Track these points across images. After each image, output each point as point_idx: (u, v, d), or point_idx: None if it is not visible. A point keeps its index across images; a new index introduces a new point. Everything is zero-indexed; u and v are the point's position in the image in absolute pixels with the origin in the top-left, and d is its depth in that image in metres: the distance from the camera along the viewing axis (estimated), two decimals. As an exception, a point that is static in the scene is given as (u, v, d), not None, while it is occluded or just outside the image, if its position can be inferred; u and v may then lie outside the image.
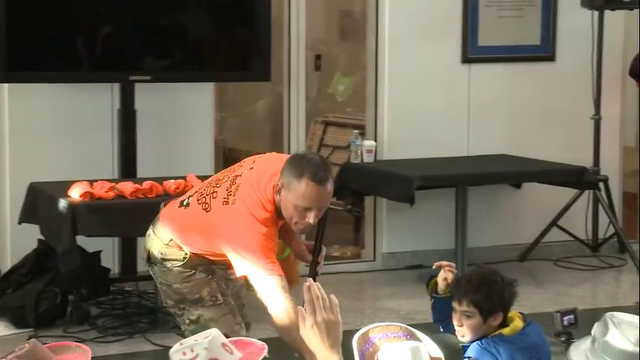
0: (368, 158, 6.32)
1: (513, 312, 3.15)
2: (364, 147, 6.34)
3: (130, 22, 5.69)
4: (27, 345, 2.46)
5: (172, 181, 5.19)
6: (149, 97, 5.76)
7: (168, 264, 3.47)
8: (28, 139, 5.75)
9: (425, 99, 6.53)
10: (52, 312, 5.22)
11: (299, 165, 3.25)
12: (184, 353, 2.61)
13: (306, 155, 3.34)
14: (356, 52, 7.82)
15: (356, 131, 6.57)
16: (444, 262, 3.23)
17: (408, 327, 2.83)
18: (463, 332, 3.10)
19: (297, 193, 3.21)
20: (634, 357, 2.31)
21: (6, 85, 5.64)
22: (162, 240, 3.48)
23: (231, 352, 2.64)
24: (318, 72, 8.10)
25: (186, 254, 3.45)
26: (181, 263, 3.46)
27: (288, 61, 6.40)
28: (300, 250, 3.65)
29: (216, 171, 6.29)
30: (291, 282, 6.10)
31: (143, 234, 3.77)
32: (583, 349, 2.41)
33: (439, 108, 6.57)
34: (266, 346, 2.70)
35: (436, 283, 3.19)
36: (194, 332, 3.03)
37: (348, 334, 2.29)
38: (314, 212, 3.23)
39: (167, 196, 5.01)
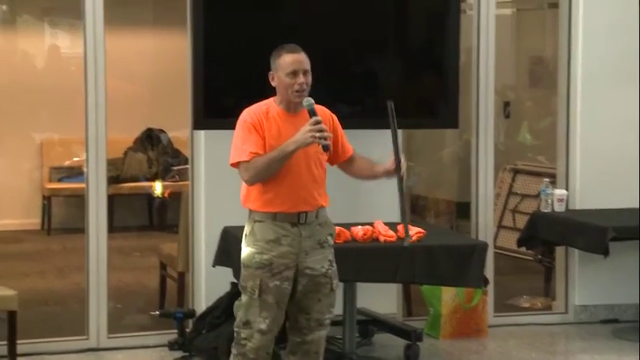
0: (559, 207, 6.17)
1: None
2: (555, 196, 6.19)
3: (320, 70, 5.78)
4: None
5: (360, 227, 5.21)
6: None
7: None
8: (221, 184, 5.90)
9: (619, 145, 6.32)
10: (243, 354, 5.32)
11: (275, 51, 4.20)
12: None
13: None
14: (545, 98, 7.67)
15: (546, 179, 6.42)
16: None
17: None
18: None
19: (283, 66, 4.15)
20: None
21: (202, 131, 5.85)
22: None
23: None
24: (506, 119, 7.99)
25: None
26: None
27: (476, 108, 6.34)
28: (381, 169, 4.44)
29: (401, 217, 6.29)
30: (481, 332, 6.03)
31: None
32: None
33: (634, 155, 6.33)
34: None
35: None
36: None
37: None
38: (300, 74, 4.15)
39: (354, 242, 5.05)
